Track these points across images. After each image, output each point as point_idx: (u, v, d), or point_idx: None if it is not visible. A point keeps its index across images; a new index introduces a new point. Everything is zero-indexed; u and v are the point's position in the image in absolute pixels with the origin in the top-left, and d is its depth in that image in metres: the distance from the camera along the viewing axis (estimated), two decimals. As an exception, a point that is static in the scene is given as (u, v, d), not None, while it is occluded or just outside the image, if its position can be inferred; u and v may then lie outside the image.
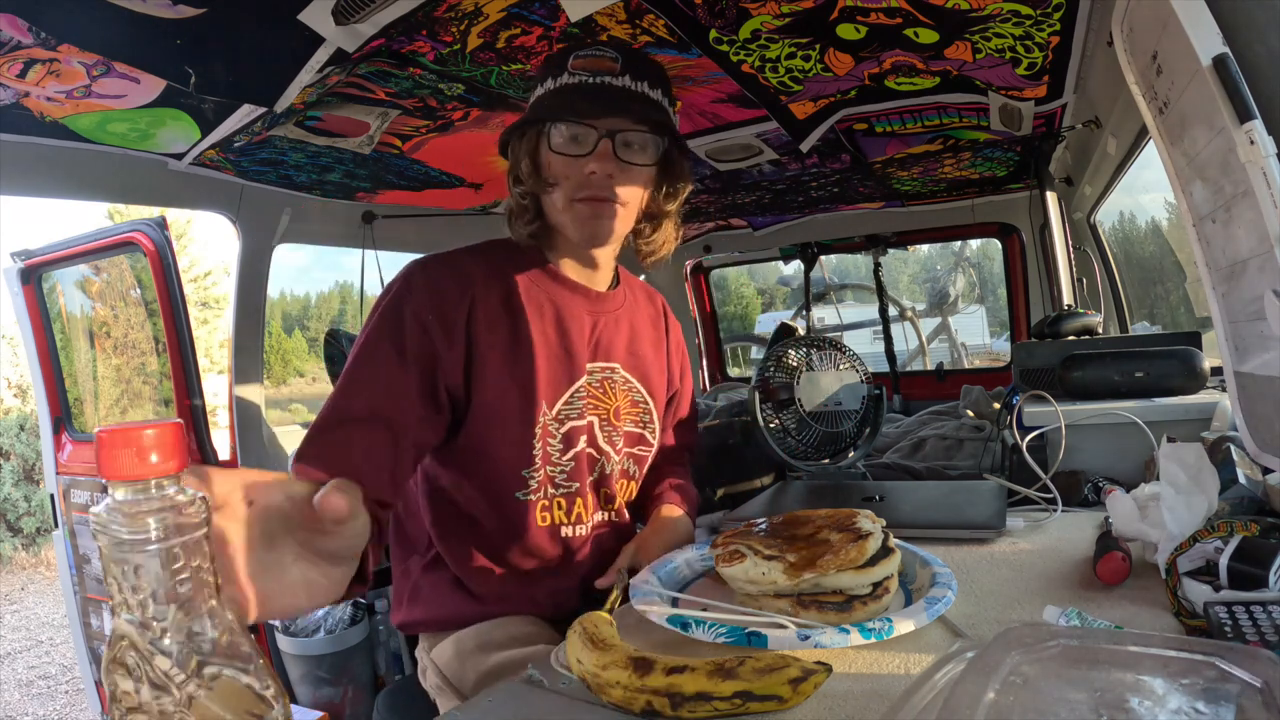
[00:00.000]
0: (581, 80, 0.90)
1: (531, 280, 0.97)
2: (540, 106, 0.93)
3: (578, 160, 0.90)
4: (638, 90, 0.91)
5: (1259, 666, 0.42)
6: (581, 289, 1.00)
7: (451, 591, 0.97)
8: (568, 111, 0.90)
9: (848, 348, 1.33)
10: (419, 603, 0.99)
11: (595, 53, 0.91)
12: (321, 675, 2.11)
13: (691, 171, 1.03)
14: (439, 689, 0.96)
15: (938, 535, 0.94)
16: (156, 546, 0.33)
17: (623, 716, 0.56)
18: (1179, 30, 0.70)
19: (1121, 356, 1.30)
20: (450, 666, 0.94)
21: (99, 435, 0.34)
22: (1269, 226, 0.65)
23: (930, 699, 0.50)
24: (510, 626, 0.95)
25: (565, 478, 0.96)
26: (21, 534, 5.92)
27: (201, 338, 15.33)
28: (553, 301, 0.97)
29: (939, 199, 2.81)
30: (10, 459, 6.08)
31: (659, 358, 1.11)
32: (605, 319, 1.02)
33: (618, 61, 0.91)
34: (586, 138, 0.89)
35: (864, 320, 4.40)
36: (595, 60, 0.91)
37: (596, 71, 0.90)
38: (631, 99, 0.91)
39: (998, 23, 1.27)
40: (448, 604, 0.97)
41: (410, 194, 2.29)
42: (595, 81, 0.90)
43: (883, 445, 2.04)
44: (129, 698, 0.33)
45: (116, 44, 1.18)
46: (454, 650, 0.94)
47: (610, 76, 0.90)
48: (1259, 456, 0.80)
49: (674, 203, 1.01)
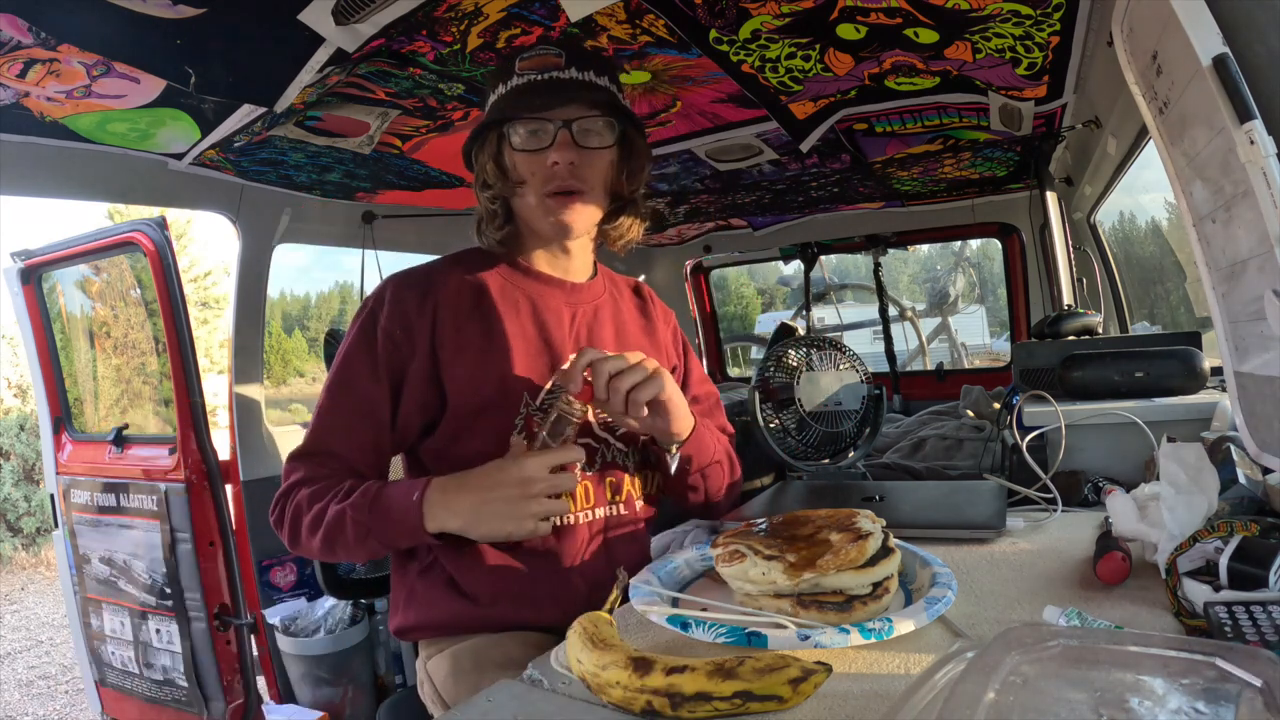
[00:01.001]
0: (531, 79, 0.94)
1: (504, 279, 1.01)
2: (495, 110, 0.96)
3: (540, 154, 0.93)
4: (585, 79, 0.95)
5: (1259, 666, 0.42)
6: (557, 281, 1.03)
7: (446, 595, 0.95)
8: (523, 109, 0.93)
9: (848, 348, 1.33)
10: (413, 606, 0.98)
11: (540, 51, 0.95)
12: (321, 675, 2.11)
13: (649, 150, 1.06)
14: (434, 703, 0.95)
15: (938, 535, 0.94)
16: None
17: (623, 716, 0.56)
18: (1179, 30, 0.70)
19: (1121, 356, 1.30)
20: (445, 685, 0.93)
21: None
22: (1269, 226, 0.65)
23: (930, 699, 0.50)
24: (508, 645, 0.93)
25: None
26: (21, 534, 5.92)
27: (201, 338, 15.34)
28: (528, 297, 1.00)
29: (939, 199, 2.81)
30: (10, 459, 6.08)
31: (652, 343, 1.12)
32: (584, 309, 1.04)
33: (562, 56, 0.95)
34: (545, 131, 0.93)
35: (864, 320, 4.40)
36: (540, 59, 0.95)
37: (543, 69, 0.94)
38: (580, 88, 0.94)
39: (998, 23, 1.27)
40: (442, 607, 0.95)
41: (410, 194, 2.29)
42: (544, 78, 0.94)
43: (883, 445, 2.04)
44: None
45: (116, 44, 1.18)
46: (450, 667, 0.93)
47: (557, 71, 0.94)
48: (1259, 456, 0.80)
49: (637, 181, 1.03)
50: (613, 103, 0.96)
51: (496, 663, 0.89)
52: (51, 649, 3.85)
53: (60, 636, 3.98)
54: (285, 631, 2.12)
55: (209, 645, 1.88)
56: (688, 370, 1.17)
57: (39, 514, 5.91)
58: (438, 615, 0.96)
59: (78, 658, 2.30)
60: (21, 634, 4.13)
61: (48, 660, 3.70)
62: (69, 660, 3.60)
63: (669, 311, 1.20)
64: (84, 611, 2.17)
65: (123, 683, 2.11)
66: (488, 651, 0.92)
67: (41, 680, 3.44)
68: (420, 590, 0.98)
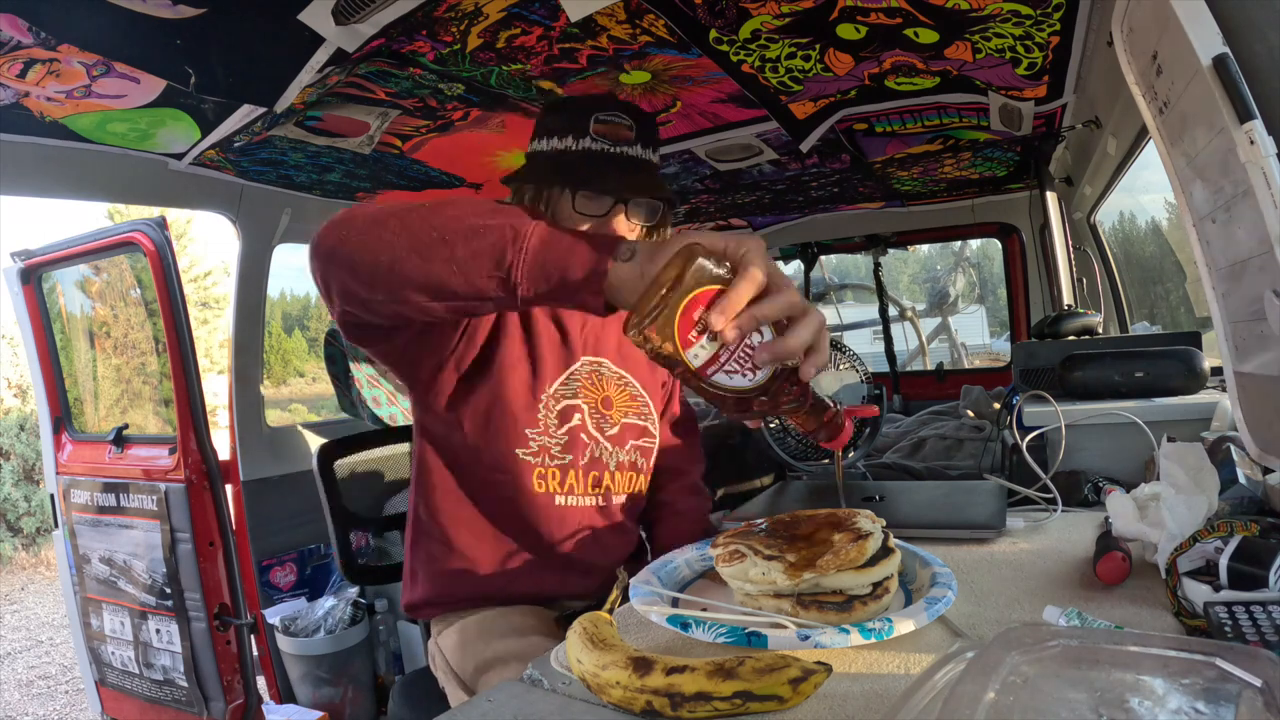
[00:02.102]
0: (604, 149, 1.02)
1: None
2: (567, 169, 1.02)
3: (593, 220, 1.02)
4: (647, 159, 1.05)
5: (1259, 666, 0.42)
6: None
7: (454, 571, 1.03)
8: (595, 185, 1.01)
9: (848, 348, 1.33)
10: (419, 582, 1.06)
11: (614, 119, 1.02)
12: (321, 675, 2.11)
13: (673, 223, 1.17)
14: (445, 675, 1.02)
15: (938, 535, 0.94)
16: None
17: (623, 717, 0.56)
18: (1179, 30, 0.70)
19: (1121, 356, 1.30)
20: (454, 654, 1.00)
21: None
22: (1269, 226, 0.65)
23: (930, 699, 0.50)
24: (512, 616, 1.01)
25: (560, 449, 1.04)
26: (21, 534, 5.92)
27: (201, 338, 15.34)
28: None
29: (939, 199, 2.81)
30: (10, 459, 6.07)
31: None
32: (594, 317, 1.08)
33: (633, 130, 1.03)
34: (603, 202, 1.02)
35: (864, 320, 4.39)
36: (615, 128, 1.02)
37: (616, 140, 1.02)
38: (643, 169, 1.04)
39: (998, 23, 1.27)
40: (449, 583, 1.03)
41: (410, 194, 2.29)
42: (615, 151, 1.02)
43: (883, 445, 2.04)
44: None
45: (116, 44, 1.18)
46: (458, 638, 1.01)
47: (627, 145, 1.02)
48: (1259, 456, 0.80)
49: None
50: (665, 191, 1.06)
51: (500, 632, 0.97)
52: (51, 649, 3.85)
53: (60, 636, 3.98)
54: (285, 631, 2.12)
55: (209, 645, 1.88)
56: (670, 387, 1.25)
57: (39, 514, 5.90)
58: (444, 591, 1.04)
59: (78, 658, 2.30)
60: (21, 634, 4.13)
61: (48, 660, 3.70)
62: (69, 660, 3.60)
63: None
64: (84, 611, 2.17)
65: (123, 683, 2.11)
66: (492, 622, 1.00)
67: (41, 680, 3.44)
68: (429, 567, 1.05)
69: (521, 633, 0.97)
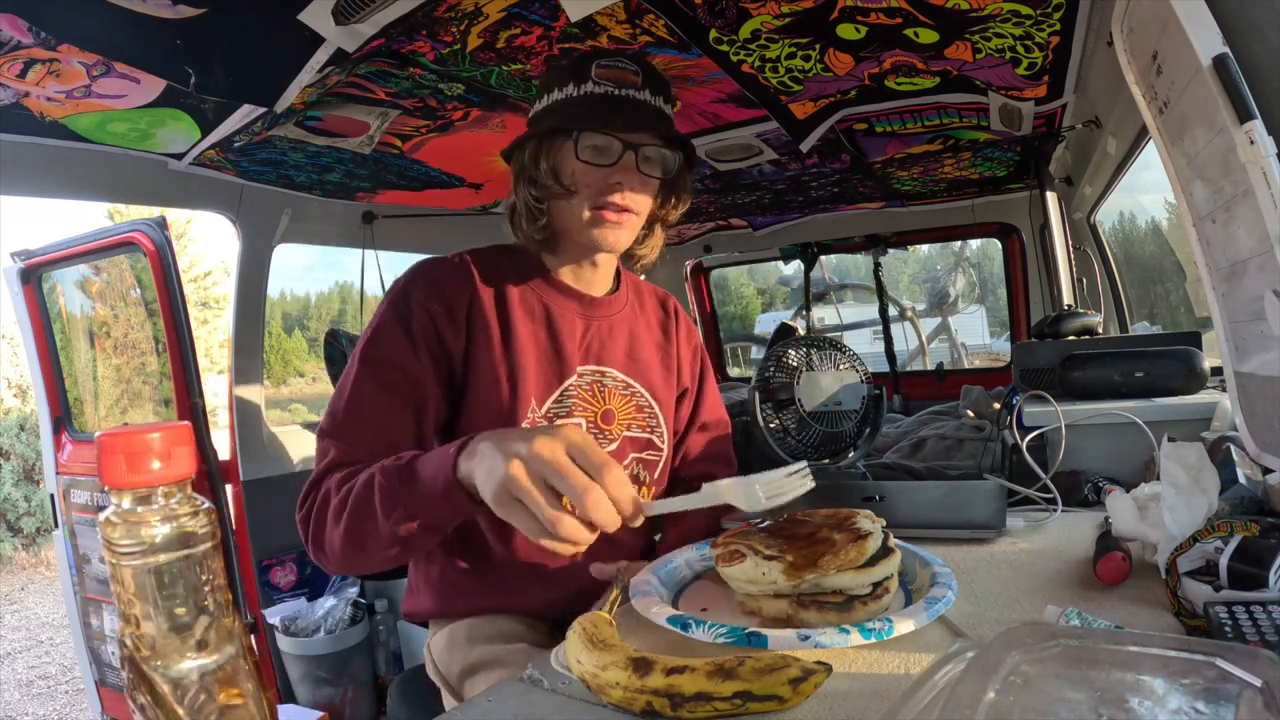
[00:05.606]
0: (607, 91, 0.93)
1: (526, 284, 1.01)
2: (567, 114, 0.94)
3: (602, 169, 0.93)
4: (656, 105, 0.96)
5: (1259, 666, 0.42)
6: (575, 293, 1.04)
7: (455, 585, 1.02)
8: (599, 123, 0.92)
9: (848, 348, 1.33)
10: (421, 594, 1.05)
11: (618, 64, 0.94)
12: (321, 675, 2.11)
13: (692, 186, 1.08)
14: (435, 674, 1.02)
15: (938, 535, 0.94)
16: (161, 558, 0.30)
17: (623, 717, 0.56)
18: (1179, 30, 0.70)
19: (1121, 356, 1.30)
20: (441, 657, 0.99)
21: (100, 440, 0.30)
22: (1269, 226, 0.65)
23: (930, 699, 0.50)
24: (500, 623, 0.99)
25: None
26: (21, 534, 5.92)
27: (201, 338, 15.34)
28: (544, 304, 1.01)
29: (939, 199, 2.81)
30: (10, 459, 6.07)
31: (664, 360, 1.11)
32: (599, 323, 1.05)
33: (639, 75, 0.94)
34: (611, 149, 0.92)
35: (864, 320, 4.39)
36: (619, 72, 0.94)
37: (621, 84, 0.93)
38: (654, 115, 0.95)
39: (998, 23, 1.27)
40: (451, 597, 1.02)
41: (410, 194, 2.29)
42: (621, 94, 0.93)
43: (883, 445, 2.04)
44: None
45: (116, 44, 1.18)
46: (446, 641, 1.00)
47: (633, 90, 0.94)
48: (1259, 456, 0.80)
49: (675, 214, 1.06)
50: (678, 137, 0.97)
51: (487, 637, 0.96)
52: (51, 649, 3.85)
53: (60, 636, 3.98)
54: (285, 631, 2.12)
55: (209, 645, 1.88)
56: (701, 394, 1.18)
57: (39, 514, 5.90)
58: (445, 604, 1.02)
59: (78, 658, 2.30)
60: (21, 634, 4.13)
61: (48, 660, 3.69)
62: (69, 660, 3.60)
63: (693, 329, 1.19)
64: (84, 611, 2.17)
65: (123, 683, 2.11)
66: (481, 627, 0.98)
67: (41, 680, 3.44)
68: (430, 579, 1.04)
69: (508, 638, 0.95)
